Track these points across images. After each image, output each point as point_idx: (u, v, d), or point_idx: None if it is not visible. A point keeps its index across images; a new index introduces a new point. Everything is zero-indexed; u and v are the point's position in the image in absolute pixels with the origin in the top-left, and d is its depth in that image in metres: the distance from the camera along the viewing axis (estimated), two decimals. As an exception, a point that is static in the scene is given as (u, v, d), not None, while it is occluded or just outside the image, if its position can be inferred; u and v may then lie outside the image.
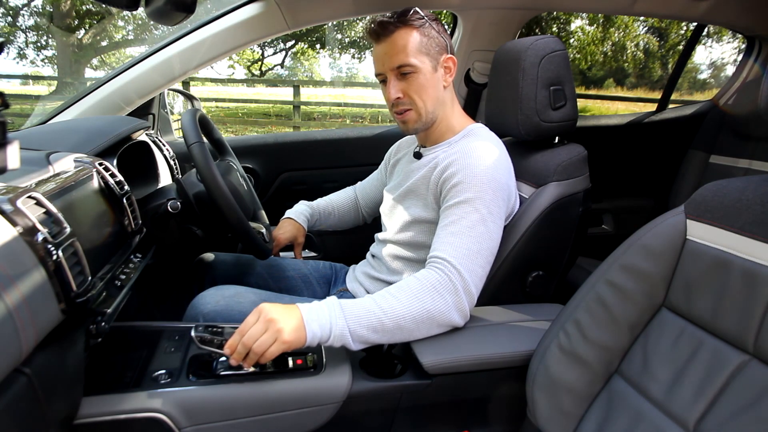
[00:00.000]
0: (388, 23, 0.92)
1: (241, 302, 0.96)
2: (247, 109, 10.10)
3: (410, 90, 0.95)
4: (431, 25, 0.94)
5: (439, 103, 0.98)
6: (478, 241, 0.83)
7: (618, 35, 11.88)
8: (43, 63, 11.21)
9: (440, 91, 0.97)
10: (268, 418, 0.73)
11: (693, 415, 0.57)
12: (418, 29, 0.93)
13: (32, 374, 0.53)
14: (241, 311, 0.94)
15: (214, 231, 1.12)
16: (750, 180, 0.61)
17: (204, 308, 0.94)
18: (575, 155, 1.03)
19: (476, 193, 0.86)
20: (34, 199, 0.61)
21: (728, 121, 1.67)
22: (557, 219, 0.97)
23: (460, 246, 0.82)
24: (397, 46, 0.93)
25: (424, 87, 0.95)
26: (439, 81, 0.96)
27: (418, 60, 0.93)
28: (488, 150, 0.92)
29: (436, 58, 0.95)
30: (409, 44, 0.92)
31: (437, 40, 0.95)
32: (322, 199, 1.36)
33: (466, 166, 0.89)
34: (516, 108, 1.04)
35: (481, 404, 0.85)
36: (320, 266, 1.28)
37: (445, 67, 0.97)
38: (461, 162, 0.90)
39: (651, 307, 0.67)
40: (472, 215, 0.85)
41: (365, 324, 0.74)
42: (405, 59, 0.93)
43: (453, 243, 0.82)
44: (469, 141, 0.95)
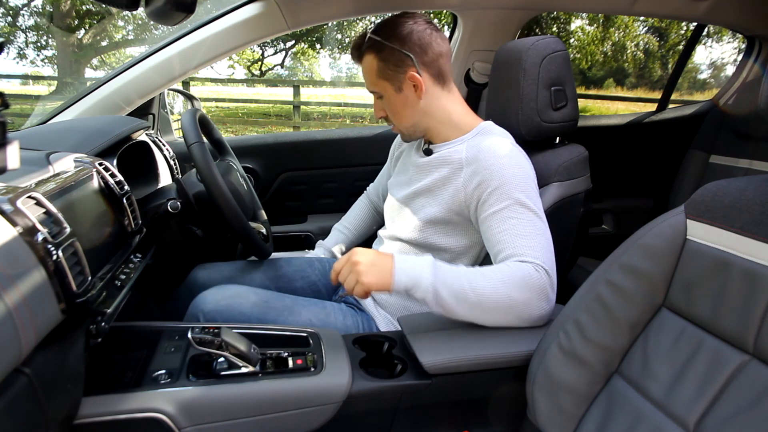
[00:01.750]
0: (355, 49, 0.99)
1: (241, 302, 0.95)
2: (247, 109, 10.10)
3: (387, 109, 1.00)
4: (389, 41, 0.93)
5: (419, 116, 0.98)
6: (545, 237, 0.84)
7: (618, 35, 11.88)
8: (43, 63, 11.22)
9: (414, 106, 0.97)
10: (268, 418, 0.73)
11: (693, 415, 0.57)
12: (375, 54, 0.95)
13: (32, 374, 0.53)
14: (242, 311, 0.94)
15: (214, 231, 1.13)
16: (750, 180, 0.61)
17: (205, 307, 0.94)
18: (576, 156, 1.03)
19: (521, 192, 0.86)
20: (34, 199, 0.61)
21: (728, 121, 1.67)
22: (558, 219, 0.97)
23: (536, 246, 0.82)
24: (365, 73, 0.98)
25: (394, 108, 0.98)
26: (407, 99, 0.96)
27: (378, 87, 0.97)
28: (511, 147, 0.92)
29: (396, 79, 0.95)
30: (370, 72, 0.97)
31: (396, 59, 0.93)
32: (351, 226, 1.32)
33: (500, 167, 0.87)
34: (517, 108, 1.04)
35: (481, 404, 0.85)
36: (327, 269, 1.22)
37: (412, 85, 0.94)
38: (492, 165, 0.88)
39: (651, 307, 0.67)
40: (527, 214, 0.85)
41: (449, 288, 0.78)
42: (370, 87, 0.99)
43: (527, 245, 0.82)
44: (487, 139, 0.93)
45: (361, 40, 0.97)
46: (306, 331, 0.86)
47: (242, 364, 0.73)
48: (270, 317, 0.95)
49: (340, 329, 0.94)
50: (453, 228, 0.97)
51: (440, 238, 0.98)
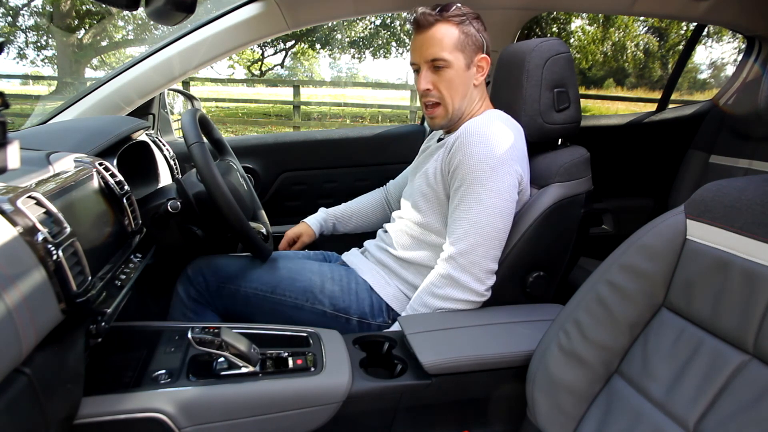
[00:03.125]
0: (429, 15, 0.96)
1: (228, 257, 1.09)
2: (247, 109, 10.10)
3: (440, 84, 0.99)
4: (471, 23, 0.97)
5: (467, 99, 1.01)
6: (478, 226, 0.90)
7: (618, 35, 11.88)
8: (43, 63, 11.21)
9: (469, 88, 1.00)
10: (268, 418, 0.73)
11: (693, 415, 0.57)
12: (458, 26, 0.96)
13: (32, 374, 0.53)
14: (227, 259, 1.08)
15: (214, 231, 1.12)
16: (750, 180, 0.61)
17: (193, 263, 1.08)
18: (578, 157, 1.03)
19: (482, 178, 0.90)
20: (34, 199, 0.61)
21: (728, 121, 1.67)
22: (559, 220, 0.97)
23: (462, 234, 0.91)
24: (434, 39, 0.96)
25: (453, 82, 0.98)
26: (470, 78, 1.00)
27: (452, 56, 0.96)
28: (488, 127, 0.93)
29: (470, 56, 0.98)
30: (445, 39, 0.96)
31: (475, 38, 0.98)
32: (342, 205, 1.38)
33: (463, 145, 0.92)
34: (520, 110, 1.04)
35: (481, 404, 0.85)
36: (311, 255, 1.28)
37: (478, 66, 1.00)
38: (460, 142, 0.93)
39: (651, 307, 0.67)
40: (474, 199, 0.91)
41: None
42: (439, 53, 0.96)
43: (455, 232, 0.92)
44: (473, 120, 0.97)
45: (442, 11, 0.97)
46: (306, 331, 0.86)
47: (242, 364, 0.73)
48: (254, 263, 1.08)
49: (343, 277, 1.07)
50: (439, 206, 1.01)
51: (431, 217, 1.02)
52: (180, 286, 1.06)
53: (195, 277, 1.05)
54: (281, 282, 1.03)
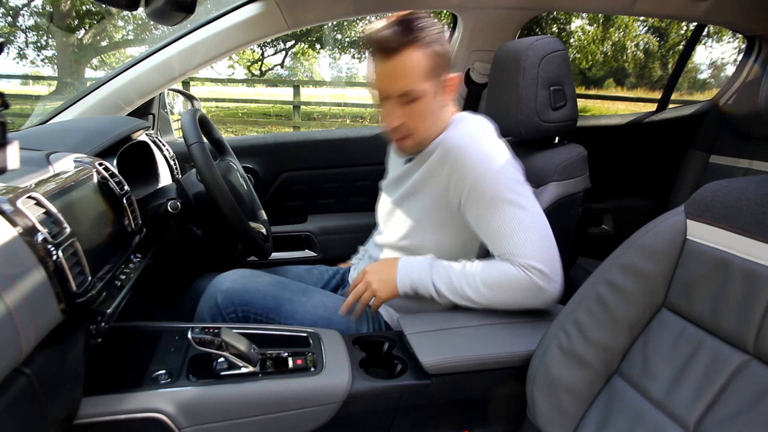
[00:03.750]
0: (393, 40, 0.81)
1: (258, 281, 0.98)
2: (247, 109, 10.09)
3: (411, 117, 0.87)
4: (439, 39, 0.84)
5: (438, 123, 0.91)
6: (534, 229, 0.84)
7: (618, 35, 11.88)
8: (43, 63, 11.21)
9: (440, 111, 0.90)
10: (268, 418, 0.73)
11: (693, 415, 0.57)
12: (426, 49, 0.82)
13: (32, 374, 0.53)
14: (258, 289, 0.97)
15: (214, 231, 1.12)
16: (750, 180, 0.61)
17: (223, 286, 0.97)
18: (575, 155, 1.03)
19: (496, 188, 0.84)
20: (34, 199, 0.61)
21: (728, 121, 1.67)
22: (557, 219, 0.97)
23: (523, 244, 0.83)
24: (402, 69, 0.82)
25: (425, 113, 0.87)
26: (440, 103, 0.89)
27: (423, 86, 0.84)
28: (478, 139, 0.87)
29: (440, 78, 0.86)
30: (415, 68, 0.82)
31: (443, 58, 0.85)
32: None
33: (471, 166, 0.84)
34: (516, 108, 1.04)
35: (481, 404, 0.85)
36: (325, 277, 1.22)
37: (448, 87, 0.89)
38: (462, 165, 0.85)
39: (651, 307, 0.67)
40: (508, 210, 0.83)
41: (449, 287, 0.87)
42: (410, 86, 0.83)
43: (515, 244, 0.83)
44: (454, 133, 0.89)
45: (407, 31, 0.82)
46: (306, 331, 0.86)
47: (242, 364, 0.73)
48: (285, 297, 0.97)
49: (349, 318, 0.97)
50: (443, 228, 0.94)
51: (432, 240, 0.95)
52: (206, 310, 0.96)
53: (225, 307, 0.95)
54: (318, 322, 0.96)
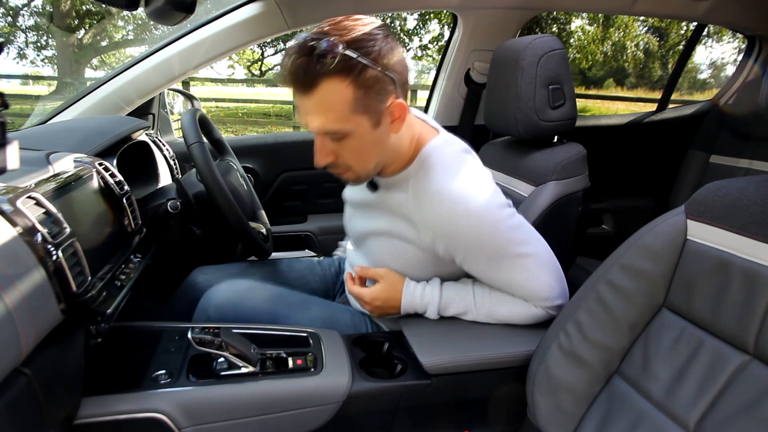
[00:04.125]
0: (307, 69, 0.66)
1: (252, 297, 0.94)
2: (247, 109, 10.09)
3: (343, 152, 0.75)
4: (372, 61, 0.67)
5: (387, 153, 0.78)
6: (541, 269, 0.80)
7: (618, 35, 11.88)
8: (43, 63, 11.20)
9: (385, 142, 0.76)
10: (268, 418, 0.73)
11: (693, 416, 0.57)
12: (351, 78, 0.67)
13: (32, 374, 0.53)
14: (253, 307, 0.93)
15: (214, 231, 1.12)
16: (750, 180, 0.60)
17: (215, 301, 0.93)
18: (574, 154, 1.02)
19: (496, 245, 0.77)
20: (34, 199, 0.61)
21: (728, 121, 1.67)
22: (556, 218, 0.97)
23: (536, 289, 0.81)
24: (322, 105, 0.69)
25: (360, 149, 0.75)
26: (383, 134, 0.74)
27: (351, 124, 0.70)
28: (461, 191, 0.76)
29: (377, 109, 0.71)
30: (337, 104, 0.68)
31: (379, 84, 0.69)
32: None
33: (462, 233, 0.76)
34: (515, 107, 1.04)
35: (481, 404, 0.85)
36: (327, 274, 1.19)
37: (393, 115, 0.73)
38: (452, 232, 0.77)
39: (651, 307, 0.67)
40: (513, 262, 0.79)
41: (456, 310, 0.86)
42: (331, 125, 0.71)
43: (527, 293, 0.82)
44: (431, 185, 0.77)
45: (323, 59, 0.65)
46: (306, 331, 0.86)
47: (242, 364, 0.73)
48: (281, 313, 0.94)
49: (348, 326, 0.95)
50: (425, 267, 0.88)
51: (415, 275, 0.89)
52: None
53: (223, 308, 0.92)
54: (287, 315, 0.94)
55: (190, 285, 1.09)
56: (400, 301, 0.87)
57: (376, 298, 0.88)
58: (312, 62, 0.65)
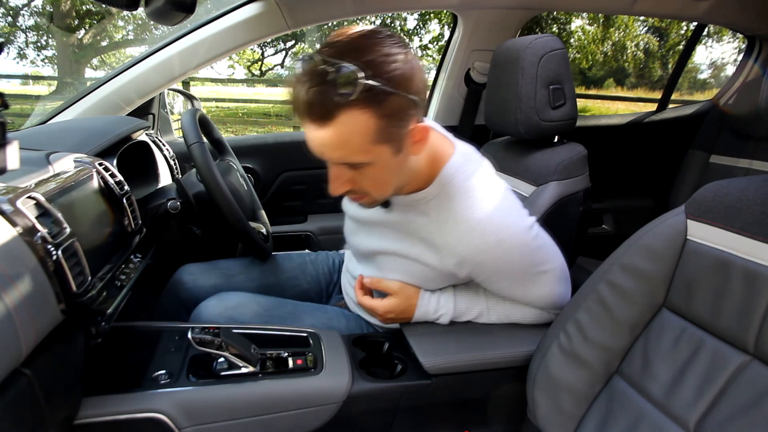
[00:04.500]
0: (324, 102, 0.59)
1: (244, 313, 0.92)
2: (247, 109, 10.09)
3: (361, 181, 0.70)
4: (394, 89, 0.61)
5: (404, 176, 0.74)
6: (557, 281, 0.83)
7: (618, 35, 11.88)
8: (43, 63, 11.20)
9: (405, 165, 0.72)
10: (268, 418, 0.73)
11: (693, 416, 0.57)
12: (373, 109, 0.60)
13: (32, 375, 0.52)
14: (245, 322, 0.91)
15: (214, 231, 1.12)
16: (750, 180, 0.60)
17: (208, 318, 0.91)
18: (575, 154, 1.02)
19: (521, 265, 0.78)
20: (34, 199, 0.61)
21: (728, 121, 1.67)
22: (558, 218, 0.97)
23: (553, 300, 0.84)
24: (340, 138, 0.62)
25: (380, 177, 0.70)
26: (404, 159, 0.70)
27: (371, 155, 0.65)
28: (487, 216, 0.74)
29: (400, 136, 0.66)
30: (358, 136, 0.62)
31: (402, 111, 0.63)
32: None
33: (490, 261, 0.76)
34: (515, 107, 1.03)
35: (481, 404, 0.85)
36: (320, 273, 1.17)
37: (414, 141, 0.69)
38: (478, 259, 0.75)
39: (651, 307, 0.67)
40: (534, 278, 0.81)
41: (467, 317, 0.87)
42: (351, 158, 0.66)
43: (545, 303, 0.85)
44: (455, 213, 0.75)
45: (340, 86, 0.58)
46: (306, 332, 0.86)
47: (242, 365, 0.73)
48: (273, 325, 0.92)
49: (343, 332, 0.93)
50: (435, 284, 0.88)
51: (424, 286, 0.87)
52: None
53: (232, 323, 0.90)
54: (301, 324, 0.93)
55: (175, 284, 1.07)
56: (414, 313, 0.86)
57: (390, 311, 0.86)
58: (329, 92, 0.59)
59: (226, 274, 1.08)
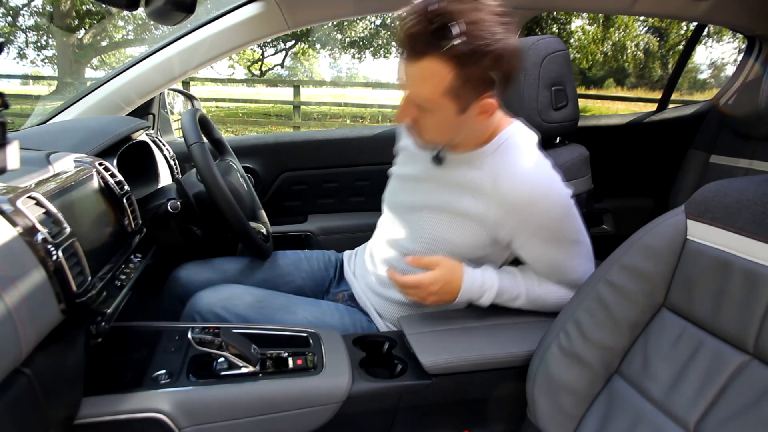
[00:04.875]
0: (420, 42, 0.68)
1: (236, 304, 0.94)
2: (247, 109, 10.10)
3: (422, 122, 0.78)
4: (479, 61, 0.68)
5: (462, 135, 0.82)
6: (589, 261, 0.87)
7: (618, 35, 11.89)
8: (43, 63, 11.22)
9: (464, 127, 0.79)
10: (268, 418, 0.73)
11: (693, 416, 0.57)
12: (456, 65, 0.68)
13: (32, 375, 0.53)
14: (238, 313, 0.92)
15: (214, 231, 1.12)
16: (750, 180, 0.61)
17: (200, 309, 0.93)
18: (577, 156, 1.02)
19: (561, 230, 0.83)
20: (34, 199, 0.61)
21: (728, 121, 1.67)
22: None
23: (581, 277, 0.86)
24: (420, 77, 0.71)
25: (439, 127, 0.78)
26: (465, 121, 0.76)
27: (437, 104, 0.73)
28: (542, 173, 0.81)
29: (467, 100, 0.73)
30: (433, 82, 0.70)
31: (479, 81, 0.71)
32: None
33: (538, 213, 0.79)
34: (517, 108, 1.03)
35: (481, 404, 0.85)
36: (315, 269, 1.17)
37: (480, 109, 0.75)
38: (527, 210, 0.79)
39: (651, 307, 0.67)
40: (569, 248, 0.85)
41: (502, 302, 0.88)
42: (420, 98, 0.74)
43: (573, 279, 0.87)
44: (511, 165, 0.81)
45: (438, 35, 0.66)
46: (306, 331, 0.86)
47: (242, 364, 0.73)
48: (266, 318, 0.93)
49: (337, 328, 0.93)
50: (473, 252, 0.89)
51: (459, 258, 0.88)
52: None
53: (206, 315, 0.92)
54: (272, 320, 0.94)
55: (173, 282, 1.07)
56: (459, 286, 0.85)
57: (434, 282, 0.83)
58: (426, 37, 0.67)
59: (220, 270, 1.08)
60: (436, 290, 0.84)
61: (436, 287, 0.84)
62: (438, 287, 0.84)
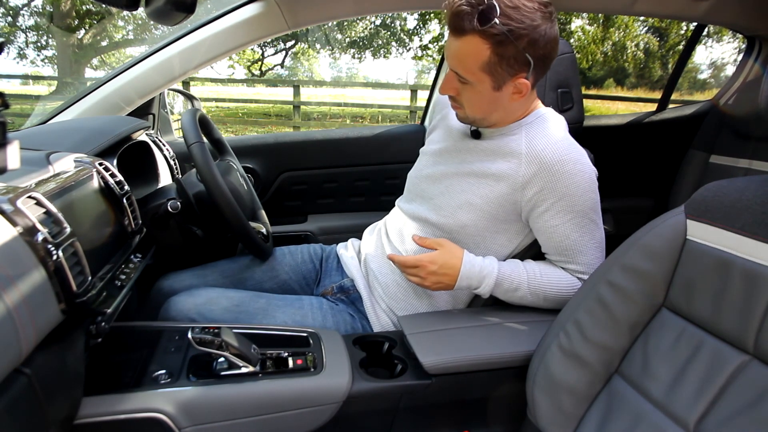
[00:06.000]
0: (463, 21, 0.77)
1: (212, 309, 0.93)
2: (247, 109, 10.10)
3: (462, 95, 0.87)
4: (515, 42, 0.77)
5: (499, 112, 0.89)
6: (601, 245, 0.90)
7: (618, 35, 11.88)
8: (43, 63, 11.22)
9: (500, 104, 0.87)
10: (268, 418, 0.73)
11: (693, 416, 0.57)
12: (493, 44, 0.77)
13: (32, 374, 0.53)
14: (213, 319, 0.92)
15: (214, 231, 1.12)
16: (750, 180, 0.61)
17: (176, 315, 0.92)
18: None
19: (584, 203, 0.86)
20: (34, 199, 0.61)
21: (728, 121, 1.67)
22: None
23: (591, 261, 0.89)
24: (460, 53, 0.81)
25: (478, 100, 0.86)
26: (500, 98, 0.85)
27: (475, 77, 0.82)
28: (573, 146, 0.86)
29: (502, 78, 0.82)
30: (472, 57, 0.80)
31: (512, 61, 0.80)
32: None
33: (566, 177, 0.83)
34: None
35: (481, 404, 0.85)
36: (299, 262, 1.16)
37: (515, 88, 0.84)
38: (557, 173, 0.83)
39: (651, 307, 0.67)
40: (588, 226, 0.88)
41: (504, 292, 0.90)
42: (462, 70, 0.83)
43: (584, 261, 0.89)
44: (546, 134, 0.87)
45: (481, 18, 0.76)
46: (306, 331, 0.86)
47: (242, 364, 0.73)
48: (242, 322, 0.92)
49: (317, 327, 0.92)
50: (492, 222, 0.91)
51: (475, 231, 0.92)
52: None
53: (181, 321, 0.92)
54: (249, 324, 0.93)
55: (156, 292, 1.07)
56: (458, 269, 0.87)
57: (434, 261, 0.86)
58: (470, 16, 0.76)
59: (200, 274, 1.08)
60: (434, 270, 0.86)
61: (434, 267, 0.86)
62: (436, 267, 0.86)
